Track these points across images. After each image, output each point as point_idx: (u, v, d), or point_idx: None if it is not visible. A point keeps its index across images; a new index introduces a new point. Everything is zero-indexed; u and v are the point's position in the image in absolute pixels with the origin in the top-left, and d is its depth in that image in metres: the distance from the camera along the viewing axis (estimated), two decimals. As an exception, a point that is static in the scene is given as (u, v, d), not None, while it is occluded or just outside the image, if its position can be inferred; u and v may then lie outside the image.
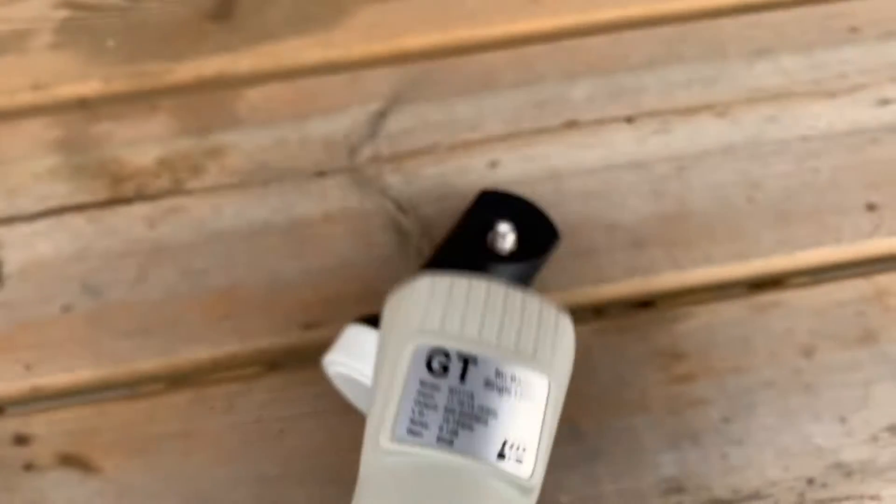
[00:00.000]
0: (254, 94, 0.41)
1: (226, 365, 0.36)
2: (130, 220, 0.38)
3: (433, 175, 0.39)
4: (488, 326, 0.20)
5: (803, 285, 0.37)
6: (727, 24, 0.42)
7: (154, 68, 0.41)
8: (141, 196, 0.39)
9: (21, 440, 0.34)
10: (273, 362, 0.36)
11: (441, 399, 0.19)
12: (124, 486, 0.33)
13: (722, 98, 0.40)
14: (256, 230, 0.38)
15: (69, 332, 0.36)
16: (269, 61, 0.42)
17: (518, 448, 0.19)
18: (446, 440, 0.19)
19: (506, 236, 0.32)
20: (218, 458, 0.34)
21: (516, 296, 0.21)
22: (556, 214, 0.38)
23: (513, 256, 0.33)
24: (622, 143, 0.39)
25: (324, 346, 0.36)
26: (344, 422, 0.34)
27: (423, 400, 0.19)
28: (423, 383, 0.20)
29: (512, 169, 0.39)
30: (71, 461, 0.34)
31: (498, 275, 0.32)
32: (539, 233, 0.34)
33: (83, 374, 0.35)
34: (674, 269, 0.37)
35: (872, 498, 0.33)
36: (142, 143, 0.40)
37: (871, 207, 0.38)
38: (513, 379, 0.20)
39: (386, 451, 0.19)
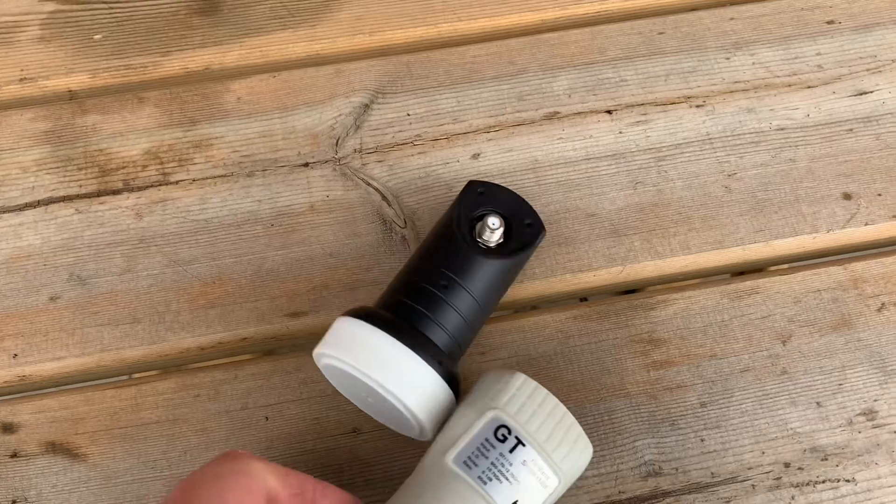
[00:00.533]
0: (240, 87, 0.41)
1: (212, 353, 0.36)
2: (118, 211, 0.38)
3: (416, 166, 0.39)
4: (543, 429, 0.29)
5: (780, 273, 0.37)
6: (705, 17, 0.42)
7: (141, 61, 0.42)
8: (128, 187, 0.39)
9: (7, 428, 0.35)
10: (259, 350, 0.37)
11: (492, 455, 0.29)
12: (110, 472, 0.34)
13: (700, 90, 0.41)
14: (242, 220, 0.38)
15: (56, 322, 0.36)
16: (255, 55, 0.42)
17: None
18: (483, 480, 0.28)
19: (495, 230, 0.33)
20: (203, 445, 0.34)
21: (569, 419, 0.30)
22: (538, 205, 0.38)
23: (500, 247, 0.33)
24: (602, 135, 0.40)
25: (309, 334, 0.36)
26: (328, 408, 0.35)
27: (482, 450, 0.29)
28: (487, 440, 0.29)
29: (494, 160, 0.39)
30: (57, 449, 0.34)
31: (487, 269, 0.32)
32: (525, 225, 0.34)
33: (70, 362, 0.36)
34: (652, 257, 0.37)
35: (848, 481, 0.33)
36: (129, 135, 0.40)
37: (847, 196, 0.38)
38: (540, 469, 0.29)
39: (446, 465, 0.29)
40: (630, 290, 0.38)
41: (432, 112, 0.40)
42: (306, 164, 0.39)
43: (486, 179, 0.37)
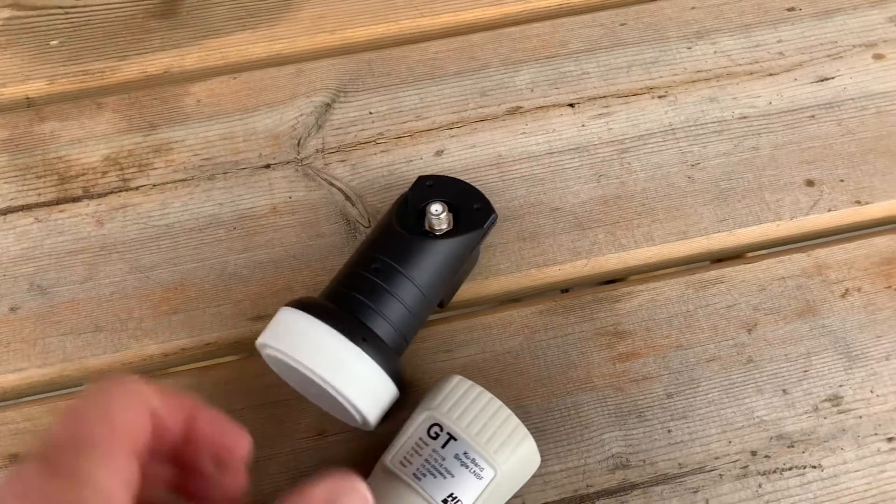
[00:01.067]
0: (200, 90, 0.41)
1: (176, 359, 0.36)
2: (78, 219, 0.38)
3: (380, 164, 0.39)
4: (475, 423, 0.30)
5: (744, 262, 0.37)
6: (667, 7, 0.42)
7: (99, 67, 0.42)
8: (88, 194, 0.39)
9: (-29, 441, 0.34)
10: (224, 355, 0.36)
11: (426, 452, 0.30)
12: (75, 482, 0.33)
13: (662, 80, 0.40)
14: (204, 224, 0.38)
15: (17, 333, 0.36)
16: (215, 56, 0.42)
17: (457, 501, 0.29)
18: (418, 477, 0.29)
19: (440, 216, 0.33)
20: (169, 452, 0.34)
21: (504, 413, 0.30)
22: (501, 200, 0.38)
23: (450, 234, 0.33)
24: (565, 128, 0.39)
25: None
26: (295, 412, 0.34)
27: (416, 449, 0.30)
28: (420, 439, 0.30)
29: (457, 156, 0.39)
30: (20, 461, 0.34)
31: (435, 252, 0.32)
32: (475, 211, 0.34)
33: (32, 373, 0.35)
34: (616, 249, 0.37)
35: (814, 467, 0.34)
36: (88, 142, 0.40)
37: (809, 183, 0.38)
38: (473, 461, 0.29)
39: (386, 466, 0.30)
40: (594, 282, 0.38)
41: (395, 110, 0.40)
42: (268, 166, 0.39)
43: (438, 174, 0.36)
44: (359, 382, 0.30)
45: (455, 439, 0.29)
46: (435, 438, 0.29)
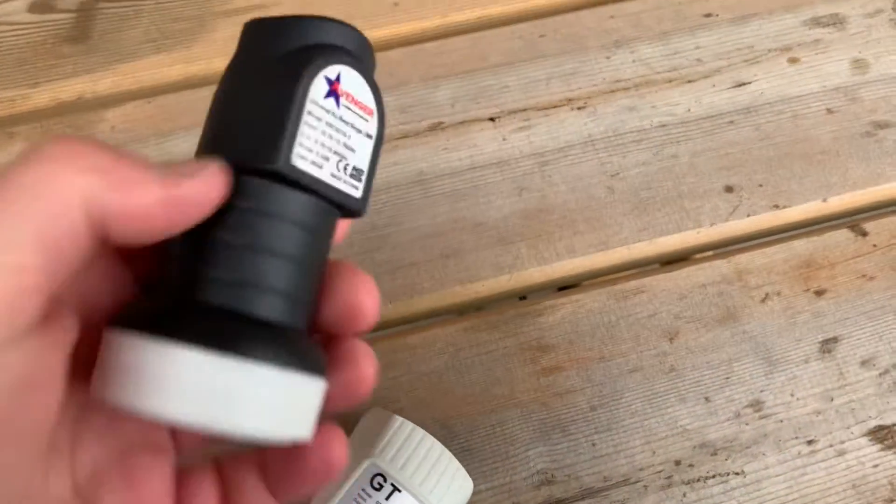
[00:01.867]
0: (114, 116, 0.40)
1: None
2: (-11, 253, 0.37)
3: (300, 186, 0.38)
4: (420, 472, 0.30)
5: (665, 270, 0.38)
6: (586, 16, 0.42)
7: (9, 95, 0.40)
8: None
9: None
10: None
11: None
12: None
13: (581, 91, 0.40)
14: (120, 254, 0.37)
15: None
16: (129, 81, 0.41)
17: None
18: None
19: None
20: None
21: (446, 458, 0.30)
22: (424, 217, 0.38)
23: None
24: (486, 143, 0.39)
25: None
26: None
27: (358, 501, 0.29)
28: (363, 490, 0.29)
29: (378, 174, 0.39)
30: None
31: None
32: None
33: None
34: (538, 263, 0.37)
35: (737, 474, 0.34)
36: (-1, 173, 0.39)
37: (729, 189, 0.39)
38: None
39: None
40: (517, 297, 0.38)
41: (314, 129, 0.40)
42: (185, 192, 0.38)
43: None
44: (271, 410, 0.19)
45: (399, 491, 0.29)
46: (378, 490, 0.29)
